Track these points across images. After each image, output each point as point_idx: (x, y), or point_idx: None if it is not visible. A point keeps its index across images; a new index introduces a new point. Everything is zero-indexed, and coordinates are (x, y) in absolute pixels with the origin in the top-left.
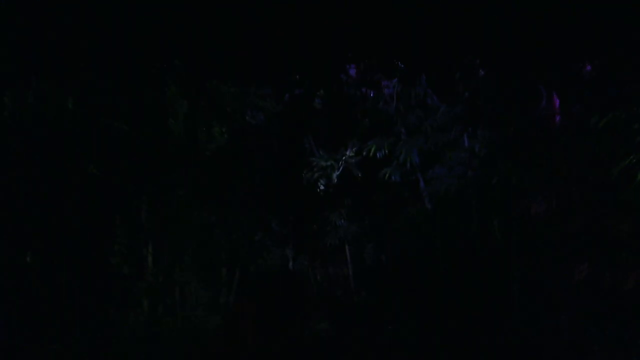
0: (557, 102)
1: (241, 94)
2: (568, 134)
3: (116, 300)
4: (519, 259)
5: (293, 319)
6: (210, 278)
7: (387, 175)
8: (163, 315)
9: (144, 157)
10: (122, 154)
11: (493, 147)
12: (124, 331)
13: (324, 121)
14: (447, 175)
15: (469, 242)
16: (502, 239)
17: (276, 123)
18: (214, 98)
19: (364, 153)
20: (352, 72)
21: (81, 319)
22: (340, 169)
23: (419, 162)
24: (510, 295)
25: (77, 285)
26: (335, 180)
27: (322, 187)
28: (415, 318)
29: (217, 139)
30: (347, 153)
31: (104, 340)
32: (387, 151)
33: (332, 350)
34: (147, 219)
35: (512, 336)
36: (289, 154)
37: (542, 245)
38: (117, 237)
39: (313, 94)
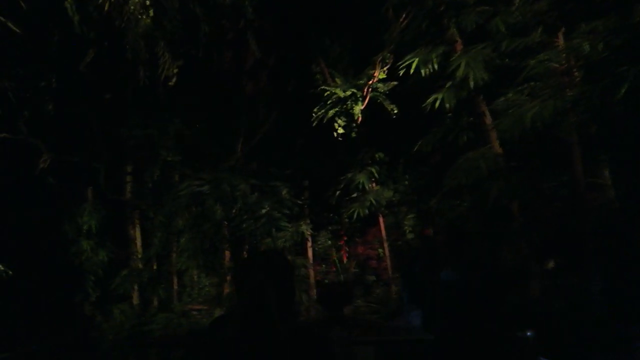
0: None
1: None
2: None
3: (92, 293)
4: None
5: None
6: (213, 263)
7: (436, 104)
8: (157, 311)
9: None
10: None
11: (616, 40)
12: (106, 331)
13: (337, 25)
14: (530, 100)
15: (567, 203)
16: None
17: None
18: None
19: (400, 73)
20: None
21: (48, 318)
22: (366, 100)
23: (486, 83)
24: None
25: (35, 278)
26: (359, 118)
27: (340, 131)
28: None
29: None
30: (375, 75)
31: (80, 342)
32: (435, 67)
33: None
34: (132, 191)
35: None
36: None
37: None
38: (86, 215)
39: None
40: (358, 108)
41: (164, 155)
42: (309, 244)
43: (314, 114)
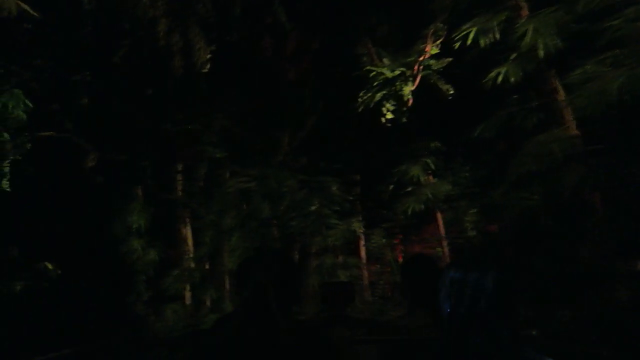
0: None
1: None
2: None
3: (144, 293)
4: None
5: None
6: None
7: (499, 79)
8: (209, 311)
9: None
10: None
11: None
12: (159, 331)
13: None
14: (612, 71)
15: None
16: None
17: None
18: None
19: (456, 46)
20: None
21: (101, 318)
22: (417, 80)
23: (558, 52)
24: None
25: (85, 278)
26: (410, 101)
27: (389, 116)
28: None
29: None
30: (427, 50)
31: (130, 341)
32: (497, 37)
33: None
34: (182, 189)
35: None
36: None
37: None
38: (136, 214)
39: None
40: (408, 89)
41: (210, 152)
42: (362, 242)
43: (359, 99)
